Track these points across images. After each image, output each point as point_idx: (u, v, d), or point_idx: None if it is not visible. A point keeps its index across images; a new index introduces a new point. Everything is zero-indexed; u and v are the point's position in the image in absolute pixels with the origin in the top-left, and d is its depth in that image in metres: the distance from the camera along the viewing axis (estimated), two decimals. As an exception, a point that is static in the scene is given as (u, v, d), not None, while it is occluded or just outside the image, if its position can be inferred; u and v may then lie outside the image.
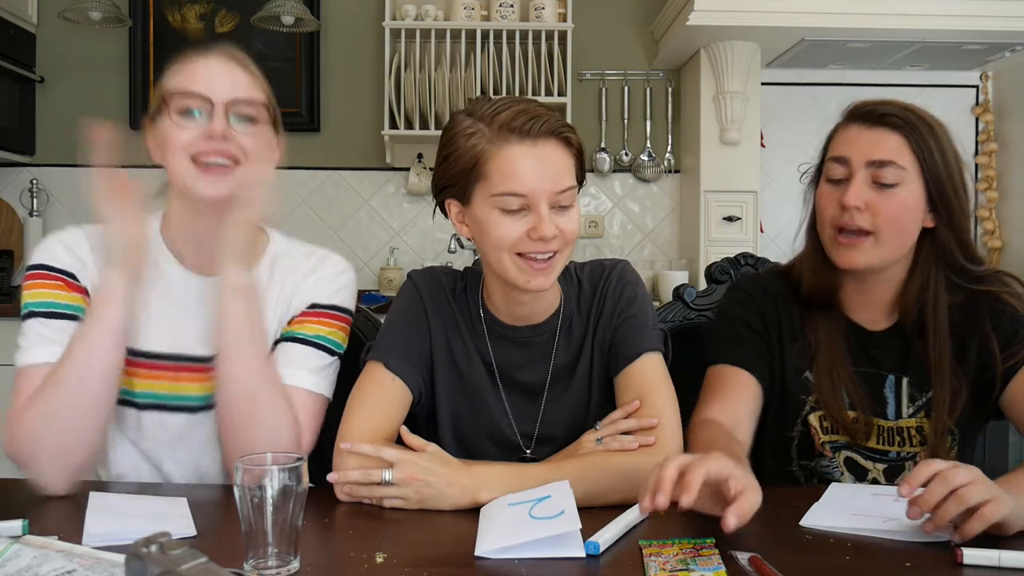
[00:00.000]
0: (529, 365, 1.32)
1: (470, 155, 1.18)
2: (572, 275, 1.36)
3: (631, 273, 1.35)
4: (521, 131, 1.16)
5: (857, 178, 1.27)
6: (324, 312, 1.33)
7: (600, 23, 3.67)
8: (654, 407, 1.22)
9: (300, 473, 0.91)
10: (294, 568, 0.91)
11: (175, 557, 0.75)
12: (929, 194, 1.28)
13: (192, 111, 1.25)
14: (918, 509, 0.98)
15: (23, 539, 0.96)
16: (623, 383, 1.27)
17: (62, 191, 3.62)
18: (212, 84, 1.25)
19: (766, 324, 1.39)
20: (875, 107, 1.30)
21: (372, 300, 3.11)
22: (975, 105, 3.74)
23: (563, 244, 1.20)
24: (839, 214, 1.29)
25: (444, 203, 1.28)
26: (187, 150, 1.23)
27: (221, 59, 1.29)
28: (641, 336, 1.29)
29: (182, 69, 1.28)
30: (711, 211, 3.38)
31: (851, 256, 1.29)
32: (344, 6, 3.66)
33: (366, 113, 3.66)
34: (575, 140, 1.22)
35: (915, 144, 1.26)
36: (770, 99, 3.63)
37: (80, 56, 3.61)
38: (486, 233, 1.20)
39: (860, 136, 1.29)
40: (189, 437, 1.32)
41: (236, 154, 1.24)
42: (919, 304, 1.32)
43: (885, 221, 1.26)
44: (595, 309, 1.32)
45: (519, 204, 1.17)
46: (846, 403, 1.33)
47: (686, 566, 0.92)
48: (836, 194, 1.30)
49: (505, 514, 1.04)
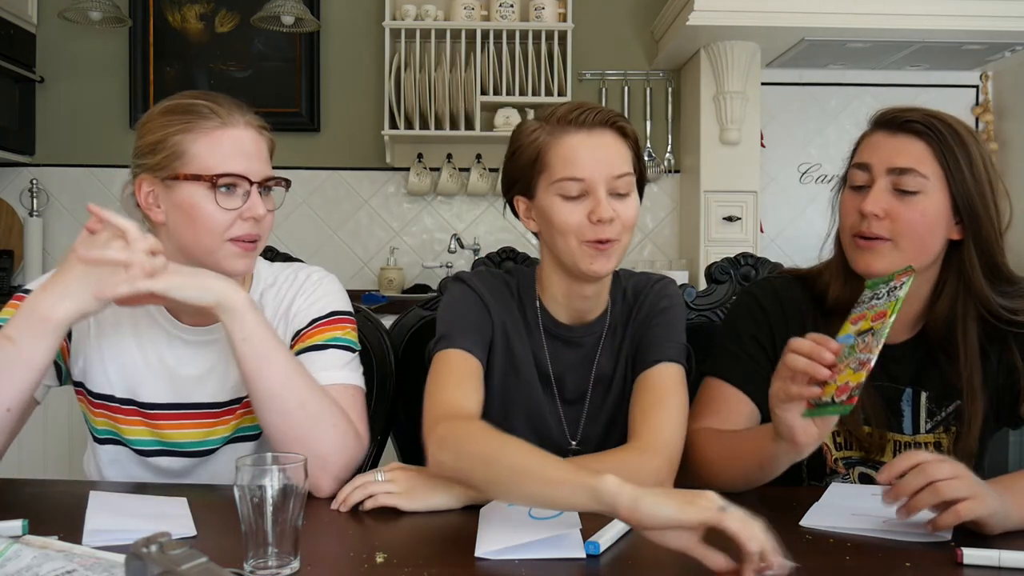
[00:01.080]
0: (577, 366, 1.34)
1: (532, 148, 1.26)
2: (621, 282, 1.38)
3: (673, 289, 1.38)
4: (577, 121, 1.24)
5: (877, 185, 1.24)
6: (325, 321, 1.34)
7: (600, 23, 3.67)
8: (660, 411, 1.23)
9: (300, 473, 0.91)
10: (294, 568, 0.91)
11: (175, 557, 0.75)
12: (955, 204, 1.23)
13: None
14: (892, 495, 1.00)
15: (23, 539, 0.96)
16: (639, 385, 1.28)
17: (62, 191, 3.62)
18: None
19: (774, 337, 1.34)
20: (898, 114, 1.27)
21: (372, 300, 3.10)
22: (975, 105, 3.74)
23: (622, 230, 1.24)
24: (859, 221, 1.26)
25: (513, 201, 1.32)
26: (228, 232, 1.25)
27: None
28: (665, 345, 1.30)
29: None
30: (711, 211, 3.38)
31: (868, 260, 1.25)
32: (344, 6, 3.66)
33: (366, 113, 3.66)
34: (631, 131, 1.28)
35: (939, 152, 1.23)
36: (770, 99, 3.63)
37: (80, 56, 3.61)
38: (550, 221, 1.25)
39: (882, 143, 1.26)
40: (194, 474, 1.34)
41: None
42: (948, 319, 1.28)
43: (904, 229, 1.23)
44: (633, 317, 1.35)
45: (579, 189, 1.22)
46: (861, 417, 1.29)
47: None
48: (857, 201, 1.27)
49: (505, 514, 1.05)
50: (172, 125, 1.24)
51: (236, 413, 1.33)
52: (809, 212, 3.69)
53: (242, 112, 1.29)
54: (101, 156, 3.59)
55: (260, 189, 1.27)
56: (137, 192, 1.27)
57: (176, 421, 1.32)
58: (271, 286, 1.38)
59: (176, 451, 1.33)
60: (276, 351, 1.20)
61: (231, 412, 1.33)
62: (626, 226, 1.25)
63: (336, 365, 1.30)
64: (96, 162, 3.59)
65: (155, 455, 1.33)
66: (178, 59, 3.61)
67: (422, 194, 3.67)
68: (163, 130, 1.24)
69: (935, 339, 1.30)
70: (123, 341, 1.32)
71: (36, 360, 1.16)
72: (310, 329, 1.33)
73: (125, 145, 1.23)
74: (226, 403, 1.32)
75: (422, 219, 3.72)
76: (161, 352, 1.32)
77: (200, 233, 1.24)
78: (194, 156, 1.23)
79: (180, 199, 1.24)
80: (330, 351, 1.31)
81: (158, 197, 1.26)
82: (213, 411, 1.32)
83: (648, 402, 1.25)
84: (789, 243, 3.70)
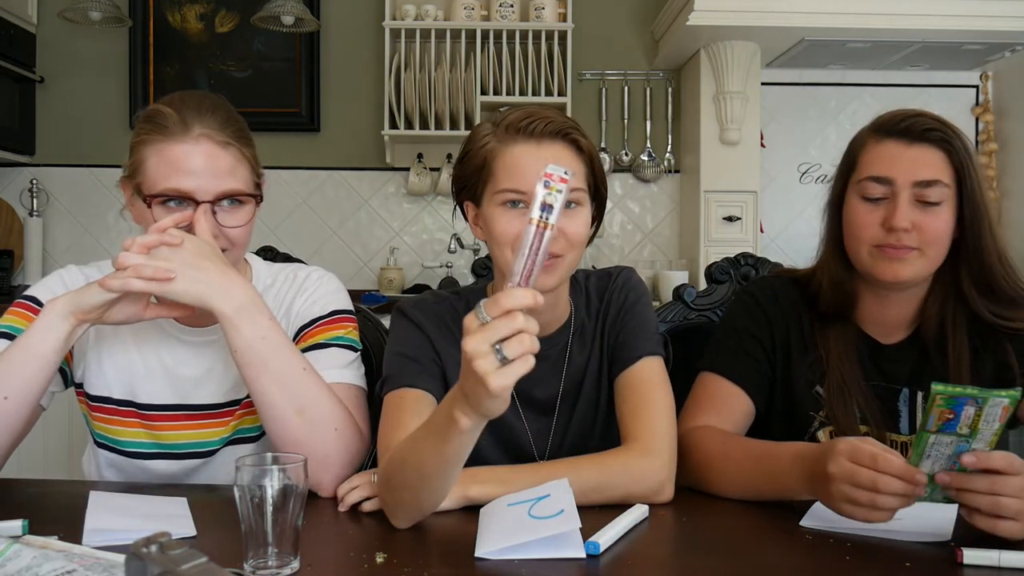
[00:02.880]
0: (544, 380, 1.31)
1: (480, 155, 1.21)
2: (580, 285, 1.36)
3: (635, 279, 1.36)
4: (526, 131, 1.19)
5: (902, 198, 1.23)
6: (327, 320, 1.34)
7: (600, 23, 3.67)
8: (651, 409, 1.22)
9: (300, 473, 0.91)
10: (294, 568, 0.91)
11: (175, 557, 0.75)
12: (961, 208, 1.24)
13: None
14: (956, 482, 0.99)
15: (23, 539, 0.96)
16: (622, 384, 1.27)
17: (62, 191, 3.62)
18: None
19: (773, 336, 1.36)
20: (914, 121, 1.25)
21: (372, 300, 3.10)
22: (975, 105, 3.74)
23: (567, 246, 1.19)
24: (882, 235, 1.24)
25: (463, 206, 1.29)
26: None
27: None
28: (642, 340, 1.28)
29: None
30: (711, 211, 3.38)
31: (897, 270, 1.24)
32: (344, 6, 3.66)
33: (366, 113, 3.66)
34: (585, 145, 1.22)
35: (956, 159, 1.23)
36: (770, 99, 3.63)
37: (80, 56, 3.61)
38: (492, 231, 1.20)
39: (902, 154, 1.24)
40: (192, 478, 1.34)
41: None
42: (940, 316, 1.29)
43: (931, 238, 1.23)
44: (601, 315, 1.33)
45: (521, 201, 1.18)
46: (858, 417, 1.29)
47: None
48: (876, 214, 1.25)
49: (505, 514, 1.04)
50: (140, 134, 1.24)
51: (235, 414, 1.32)
52: (809, 212, 3.69)
53: (203, 124, 1.22)
54: (101, 156, 3.59)
55: (215, 206, 1.22)
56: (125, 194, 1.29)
57: (174, 423, 1.32)
58: (270, 287, 1.38)
59: (173, 453, 1.32)
60: (275, 355, 1.19)
61: (230, 413, 1.32)
62: (571, 242, 1.19)
63: (338, 364, 1.30)
64: (96, 162, 3.59)
65: (151, 458, 1.32)
66: (178, 59, 3.61)
67: (422, 194, 3.67)
68: (136, 138, 1.25)
69: (929, 339, 1.30)
70: (122, 342, 1.32)
71: (43, 351, 1.16)
72: (312, 328, 1.33)
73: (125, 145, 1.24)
74: (225, 404, 1.32)
75: (422, 219, 3.72)
76: (160, 353, 1.32)
77: None
78: (147, 170, 1.22)
79: (138, 213, 1.26)
80: (332, 350, 1.31)
81: (134, 205, 1.27)
82: (212, 412, 1.32)
83: (636, 401, 1.23)
84: (789, 243, 3.70)
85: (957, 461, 0.99)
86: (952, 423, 0.97)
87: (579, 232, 1.20)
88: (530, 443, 1.31)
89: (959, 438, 0.97)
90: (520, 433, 1.30)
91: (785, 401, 1.36)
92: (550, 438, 1.31)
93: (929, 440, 0.98)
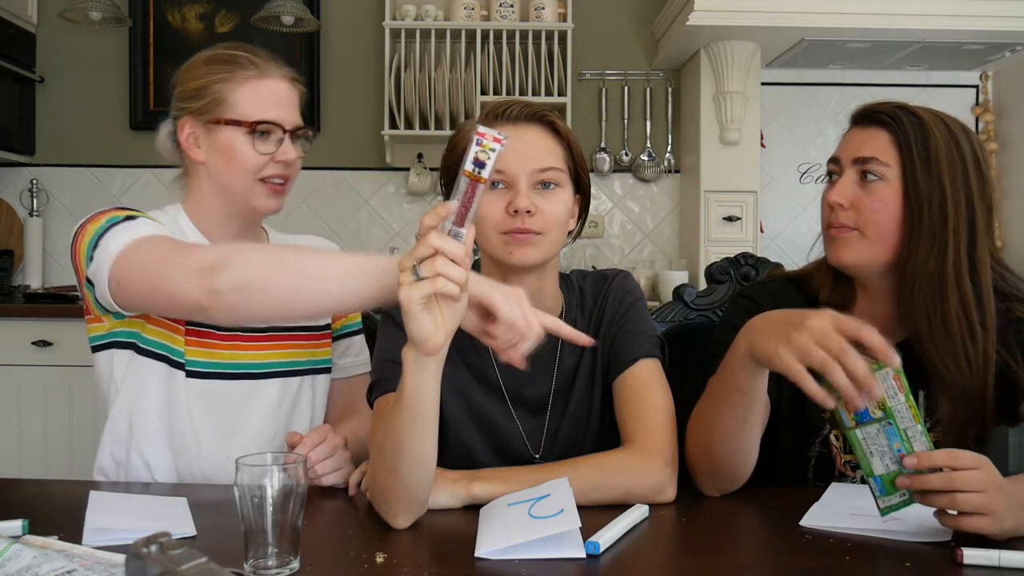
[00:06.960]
0: (535, 378, 1.30)
1: (462, 144, 1.24)
2: (575, 284, 1.37)
3: (631, 283, 1.37)
4: (503, 116, 1.25)
5: (844, 176, 1.26)
6: None
7: (600, 23, 3.67)
8: (650, 410, 1.22)
9: (300, 473, 0.91)
10: (294, 568, 0.91)
11: (175, 557, 0.75)
12: (905, 191, 1.22)
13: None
14: (910, 484, 1.01)
15: (23, 539, 0.96)
16: (621, 387, 1.27)
17: (62, 191, 3.61)
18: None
19: None
20: (868, 107, 1.29)
21: (372, 300, 3.10)
22: (975, 105, 3.74)
23: (544, 224, 1.22)
24: (829, 213, 1.27)
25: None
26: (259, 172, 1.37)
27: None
28: (639, 342, 1.29)
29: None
30: (711, 211, 3.38)
31: (837, 250, 1.26)
32: (344, 6, 3.66)
33: (366, 113, 3.66)
34: (562, 128, 1.27)
35: (900, 139, 1.23)
36: (770, 99, 3.63)
37: (80, 56, 3.60)
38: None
39: (853, 136, 1.29)
40: (253, 404, 1.38)
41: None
42: (927, 315, 1.25)
43: (869, 218, 1.23)
44: (596, 317, 1.33)
45: (501, 182, 1.22)
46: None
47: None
48: (829, 194, 1.29)
49: (505, 514, 1.04)
50: (215, 73, 1.37)
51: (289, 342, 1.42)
52: (809, 212, 3.69)
53: (278, 65, 1.40)
54: (101, 156, 3.57)
55: (292, 136, 1.37)
56: (180, 132, 1.38)
57: (233, 342, 1.37)
58: None
59: (228, 373, 1.36)
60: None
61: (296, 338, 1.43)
62: (550, 221, 1.22)
63: (365, 349, 1.51)
64: (96, 162, 3.58)
65: (207, 377, 1.35)
66: (178, 59, 3.54)
67: (422, 194, 3.67)
68: (206, 77, 1.37)
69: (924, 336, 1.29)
70: None
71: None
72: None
73: (125, 145, 1.24)
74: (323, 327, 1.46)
75: (422, 219, 3.72)
76: None
77: (236, 173, 1.35)
78: (234, 103, 1.35)
79: (220, 142, 1.36)
80: (361, 336, 1.51)
81: (199, 138, 1.37)
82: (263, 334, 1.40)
83: (635, 403, 1.24)
84: (789, 243, 3.70)
85: (900, 448, 1.00)
86: (863, 411, 1.00)
87: (555, 212, 1.24)
88: (524, 444, 1.30)
89: (880, 423, 0.99)
90: (513, 434, 1.30)
91: (792, 402, 1.35)
92: (543, 438, 1.31)
93: (858, 437, 1.00)
